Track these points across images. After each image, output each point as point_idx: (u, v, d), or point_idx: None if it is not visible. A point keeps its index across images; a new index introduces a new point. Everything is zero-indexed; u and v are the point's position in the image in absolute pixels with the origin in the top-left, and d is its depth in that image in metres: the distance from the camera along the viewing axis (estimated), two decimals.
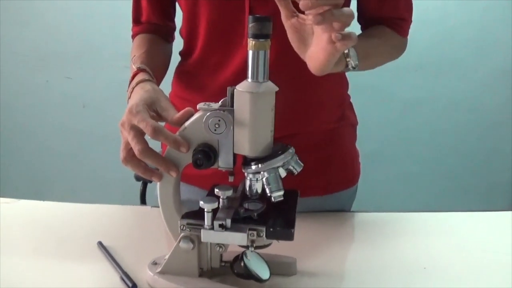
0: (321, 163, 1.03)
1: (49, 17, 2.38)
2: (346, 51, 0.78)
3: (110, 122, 0.80)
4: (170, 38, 1.09)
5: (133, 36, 1.05)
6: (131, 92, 0.82)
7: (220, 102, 0.69)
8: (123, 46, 1.02)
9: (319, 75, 0.74)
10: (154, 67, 0.90)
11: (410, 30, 1.02)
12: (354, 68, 0.77)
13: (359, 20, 1.03)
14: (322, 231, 0.99)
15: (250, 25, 0.63)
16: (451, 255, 0.90)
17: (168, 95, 1.01)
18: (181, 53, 1.06)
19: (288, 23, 0.70)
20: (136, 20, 1.06)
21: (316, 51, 0.69)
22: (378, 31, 0.99)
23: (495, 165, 2.59)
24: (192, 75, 1.02)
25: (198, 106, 0.70)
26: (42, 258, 0.86)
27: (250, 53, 0.65)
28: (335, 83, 1.04)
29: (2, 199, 1.08)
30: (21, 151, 2.58)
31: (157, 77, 0.90)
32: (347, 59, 0.76)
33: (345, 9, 0.62)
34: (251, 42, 0.65)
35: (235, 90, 0.67)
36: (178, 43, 1.06)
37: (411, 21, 1.01)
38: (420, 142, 2.54)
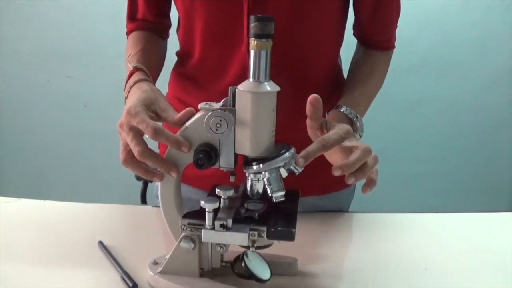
0: (318, 163, 1.02)
1: (51, 16, 2.38)
2: (356, 124, 0.90)
3: (111, 122, 0.80)
4: (165, 35, 1.08)
5: (128, 33, 1.05)
6: (128, 92, 0.81)
7: (221, 102, 0.69)
8: (125, 46, 1.02)
9: None
10: (150, 65, 0.90)
11: (412, 32, 1.03)
12: (360, 137, 0.86)
13: (354, 28, 1.04)
14: (323, 231, 0.99)
15: (252, 24, 0.63)
16: (452, 255, 0.90)
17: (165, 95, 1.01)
18: (178, 54, 1.05)
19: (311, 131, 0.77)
20: (131, 17, 1.05)
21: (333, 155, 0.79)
22: (371, 66, 1.02)
23: (496, 166, 2.59)
24: (190, 78, 1.01)
25: (199, 106, 0.70)
26: (42, 257, 0.86)
27: (252, 53, 0.65)
28: (334, 86, 1.04)
29: (3, 198, 1.08)
30: (22, 150, 2.58)
31: (153, 75, 0.90)
32: (356, 134, 0.84)
33: (371, 162, 0.73)
34: (252, 42, 0.64)
35: (236, 89, 0.67)
36: (174, 43, 1.06)
37: (397, 26, 1.04)
38: (421, 143, 2.54)
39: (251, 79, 0.66)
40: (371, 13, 0.98)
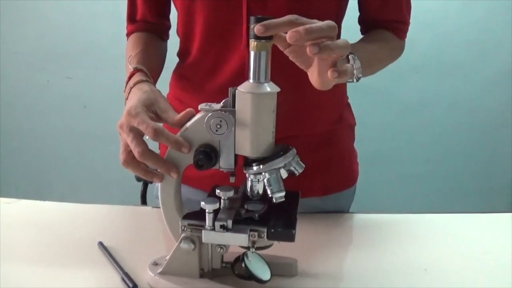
0: (319, 164, 1.03)
1: (50, 17, 2.38)
2: (352, 62, 0.78)
3: (111, 123, 0.80)
4: (165, 36, 1.08)
5: (128, 35, 1.05)
6: (129, 93, 0.81)
7: (221, 103, 0.69)
8: (124, 47, 1.02)
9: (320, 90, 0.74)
10: (150, 66, 0.90)
11: (412, 32, 1.03)
12: (357, 80, 0.78)
13: (360, 23, 1.04)
14: (323, 232, 0.99)
15: (252, 25, 0.63)
16: (452, 256, 0.90)
17: (166, 96, 1.01)
18: (178, 54, 1.06)
19: (286, 51, 0.69)
20: (131, 18, 1.05)
21: (316, 72, 0.69)
22: (379, 35, 1.00)
23: (496, 167, 2.59)
24: (189, 78, 1.02)
25: (199, 107, 0.70)
26: (42, 258, 0.86)
27: (252, 53, 0.65)
28: (334, 85, 1.03)
29: (3, 199, 1.08)
30: (21, 151, 2.58)
31: (154, 77, 0.90)
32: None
33: (341, 41, 0.63)
34: (252, 43, 0.64)
35: (236, 90, 0.67)
36: (175, 45, 1.06)
37: (410, 23, 1.02)
38: (421, 144, 2.54)
39: (251, 80, 0.66)
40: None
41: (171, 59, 1.06)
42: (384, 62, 0.99)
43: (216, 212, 0.70)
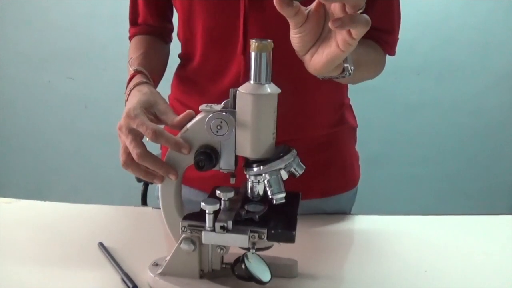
0: (320, 166, 1.03)
1: (52, 17, 2.38)
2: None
3: (112, 123, 0.80)
4: (167, 39, 1.08)
5: (130, 38, 1.05)
6: (129, 95, 0.81)
7: (222, 104, 0.69)
8: (126, 47, 1.02)
9: (317, 76, 0.72)
10: (151, 69, 0.90)
11: (413, 33, 1.02)
12: (349, 74, 0.75)
13: None
14: (323, 233, 0.99)
15: None
16: (452, 258, 0.90)
17: (167, 97, 1.01)
18: (180, 56, 1.05)
19: (296, 30, 0.66)
20: (133, 21, 1.05)
21: (319, 53, 0.66)
22: (366, 42, 0.94)
23: (496, 168, 2.59)
24: (191, 81, 1.02)
25: (200, 108, 0.70)
26: (42, 258, 0.86)
27: (253, 54, 0.65)
28: (333, 87, 1.03)
29: (3, 199, 1.08)
30: (22, 151, 2.58)
31: (155, 79, 0.90)
32: (345, 65, 0.74)
33: (364, 16, 0.60)
34: (253, 44, 0.64)
35: (237, 91, 0.67)
36: (177, 46, 1.06)
37: (398, 38, 0.99)
38: (422, 145, 2.54)
39: (252, 81, 0.66)
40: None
41: (173, 60, 1.06)
42: (369, 70, 0.94)
43: (216, 213, 0.70)
